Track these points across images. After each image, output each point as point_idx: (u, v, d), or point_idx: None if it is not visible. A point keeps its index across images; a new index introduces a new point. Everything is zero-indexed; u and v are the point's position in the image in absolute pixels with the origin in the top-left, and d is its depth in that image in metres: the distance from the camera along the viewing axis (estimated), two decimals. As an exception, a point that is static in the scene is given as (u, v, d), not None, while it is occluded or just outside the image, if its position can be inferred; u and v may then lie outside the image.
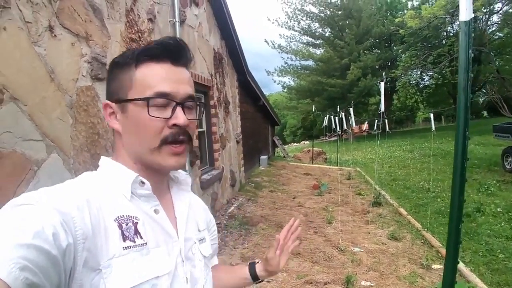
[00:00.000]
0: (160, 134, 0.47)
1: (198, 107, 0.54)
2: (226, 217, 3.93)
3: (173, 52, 0.49)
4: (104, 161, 0.52)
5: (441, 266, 2.66)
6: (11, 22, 1.24)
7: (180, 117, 0.48)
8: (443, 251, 2.94)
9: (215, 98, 4.35)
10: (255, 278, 0.71)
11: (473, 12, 1.14)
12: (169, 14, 2.91)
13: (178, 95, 0.48)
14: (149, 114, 0.46)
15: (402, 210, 4.39)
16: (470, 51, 1.13)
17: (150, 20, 2.53)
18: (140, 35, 2.32)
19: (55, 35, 1.49)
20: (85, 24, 1.71)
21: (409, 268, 2.65)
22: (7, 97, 1.22)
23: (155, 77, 0.47)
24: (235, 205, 4.50)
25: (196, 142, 3.56)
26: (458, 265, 1.22)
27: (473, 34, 1.16)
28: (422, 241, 3.30)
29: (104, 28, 1.90)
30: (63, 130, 1.53)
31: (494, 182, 5.55)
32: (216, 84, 4.44)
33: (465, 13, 1.10)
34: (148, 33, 2.47)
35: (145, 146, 0.48)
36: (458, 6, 1.13)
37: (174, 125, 0.48)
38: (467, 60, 1.13)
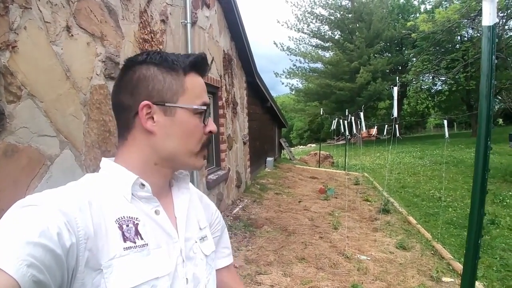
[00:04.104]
0: (201, 140, 0.53)
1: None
2: (231, 218, 3.94)
3: (206, 66, 0.56)
4: (105, 162, 0.52)
5: (452, 280, 2.58)
6: (32, 22, 1.29)
7: (213, 125, 0.55)
8: (455, 263, 2.85)
9: (224, 99, 4.38)
10: None
11: None
12: (181, 16, 2.96)
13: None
14: (204, 123, 0.53)
15: (411, 218, 4.27)
16: (493, 57, 1.07)
17: (162, 21, 2.57)
18: (152, 35, 2.37)
19: (72, 35, 1.53)
20: (100, 24, 1.76)
21: (418, 280, 2.56)
22: (25, 94, 1.26)
23: (200, 87, 0.54)
24: (240, 206, 4.51)
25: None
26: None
27: (496, 40, 1.09)
28: (432, 252, 3.18)
29: (118, 28, 1.95)
30: (76, 127, 1.57)
31: (510, 193, 5.31)
32: (225, 85, 4.47)
33: (489, 17, 1.04)
34: (160, 34, 2.52)
35: (188, 149, 0.52)
36: (476, 10, 1.08)
37: (210, 132, 0.54)
38: (490, 66, 1.08)
